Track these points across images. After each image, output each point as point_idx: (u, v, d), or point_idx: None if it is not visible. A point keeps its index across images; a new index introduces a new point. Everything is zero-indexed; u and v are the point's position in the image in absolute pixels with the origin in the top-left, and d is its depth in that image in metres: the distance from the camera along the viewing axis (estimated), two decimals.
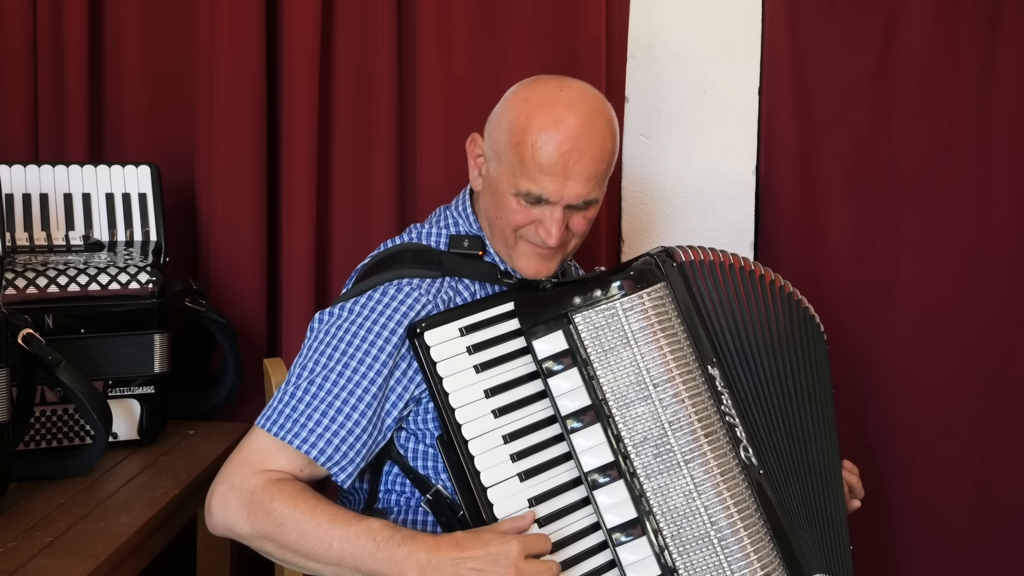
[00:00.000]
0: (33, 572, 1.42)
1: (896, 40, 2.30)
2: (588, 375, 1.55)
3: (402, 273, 1.63)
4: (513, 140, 1.60)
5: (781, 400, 1.66)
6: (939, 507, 2.34)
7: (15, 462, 1.67)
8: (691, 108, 2.35)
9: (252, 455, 1.57)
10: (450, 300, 1.63)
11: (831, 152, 2.33)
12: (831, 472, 1.69)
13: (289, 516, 1.50)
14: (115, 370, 1.91)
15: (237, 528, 1.54)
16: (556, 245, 1.62)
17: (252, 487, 1.53)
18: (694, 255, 1.69)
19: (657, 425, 1.54)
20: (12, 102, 2.25)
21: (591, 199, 1.62)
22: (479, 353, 1.56)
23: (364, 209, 2.26)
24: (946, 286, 2.31)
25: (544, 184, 1.58)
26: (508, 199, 1.62)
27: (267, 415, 1.59)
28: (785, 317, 1.72)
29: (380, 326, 1.59)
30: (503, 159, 1.62)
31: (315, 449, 1.55)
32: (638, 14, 2.34)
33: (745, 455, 1.59)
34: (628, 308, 1.57)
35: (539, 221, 1.61)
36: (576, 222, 1.64)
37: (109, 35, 2.30)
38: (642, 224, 2.39)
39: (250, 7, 2.18)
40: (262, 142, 2.23)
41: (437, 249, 1.69)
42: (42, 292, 1.86)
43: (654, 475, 1.53)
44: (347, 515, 1.51)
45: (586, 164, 1.58)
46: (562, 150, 1.57)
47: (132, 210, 2.08)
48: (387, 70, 2.23)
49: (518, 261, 1.67)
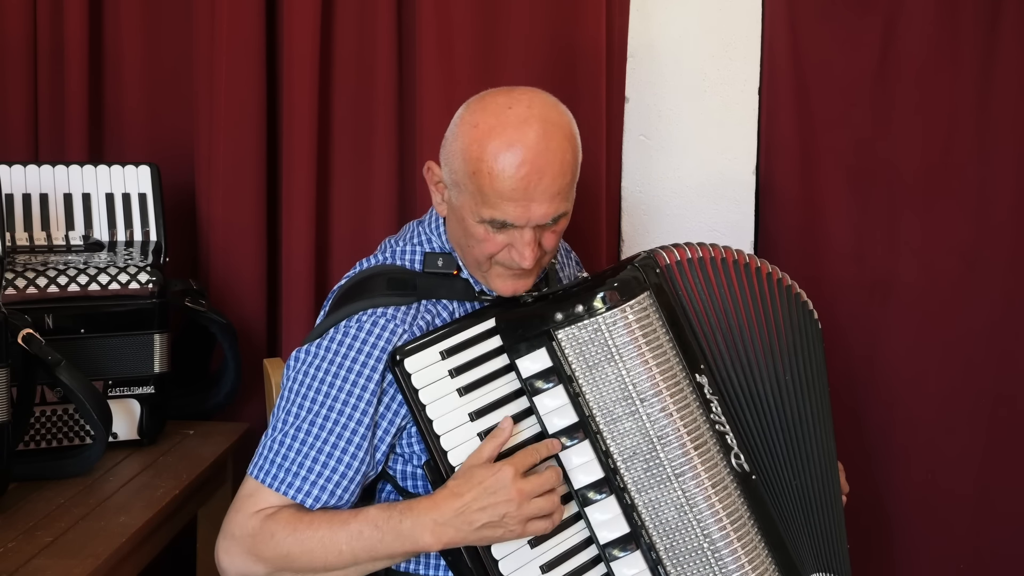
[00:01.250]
0: (33, 572, 1.43)
1: (896, 40, 2.30)
2: (574, 392, 1.53)
3: (376, 302, 1.59)
4: (469, 170, 1.53)
5: (776, 397, 1.64)
6: (939, 509, 2.33)
7: (15, 462, 1.67)
8: (691, 108, 2.35)
9: (245, 503, 1.56)
10: (428, 324, 1.59)
11: (831, 152, 2.33)
12: (827, 467, 1.68)
13: (292, 543, 1.51)
14: (115, 370, 1.91)
15: (252, 573, 1.54)
16: (530, 267, 1.58)
17: (251, 532, 1.53)
18: (681, 254, 1.64)
19: (646, 440, 1.52)
20: (12, 102, 2.25)
21: (559, 214, 1.56)
22: (462, 376, 1.53)
23: (364, 209, 2.26)
24: (946, 286, 2.31)
25: (507, 210, 1.52)
26: (475, 227, 1.56)
27: (258, 463, 1.57)
28: (782, 308, 1.70)
29: (360, 364, 1.56)
30: (463, 188, 1.56)
31: (310, 497, 1.54)
32: (638, 14, 2.34)
33: (736, 462, 1.56)
34: (611, 323, 1.52)
35: (510, 245, 1.56)
36: (547, 238, 1.58)
37: (109, 35, 2.30)
38: (642, 224, 2.38)
39: (250, 7, 2.18)
40: (262, 142, 2.23)
41: (411, 271, 1.64)
42: (42, 292, 1.86)
43: (645, 489, 1.51)
44: (343, 515, 1.52)
45: (547, 183, 1.52)
46: (520, 174, 1.50)
47: (132, 210, 2.09)
48: (387, 70, 2.23)
49: (493, 283, 1.62)
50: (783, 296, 1.71)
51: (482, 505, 1.45)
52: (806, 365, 1.69)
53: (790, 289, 1.73)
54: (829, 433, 1.70)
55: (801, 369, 1.68)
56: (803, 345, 1.70)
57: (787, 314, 1.70)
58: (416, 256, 1.66)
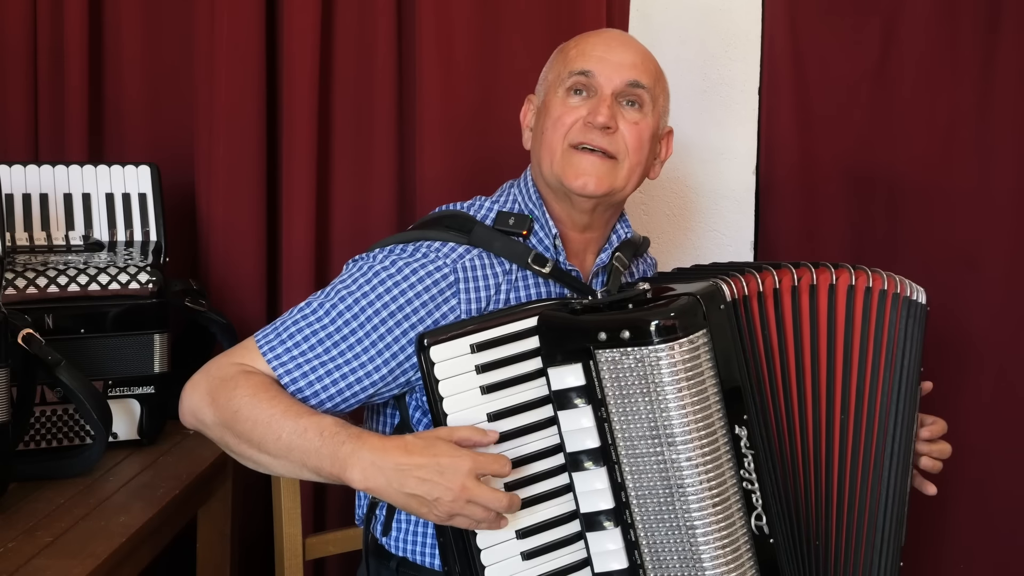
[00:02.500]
0: (33, 572, 1.42)
1: (896, 40, 2.30)
2: (601, 416, 1.45)
3: (427, 235, 1.60)
4: (558, 55, 1.68)
5: (827, 442, 1.54)
6: (938, 509, 2.34)
7: (15, 462, 1.67)
8: (691, 108, 2.35)
9: (237, 352, 1.56)
10: (472, 271, 1.57)
11: (831, 152, 2.33)
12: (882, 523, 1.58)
13: (246, 404, 1.47)
14: (115, 370, 1.91)
15: (201, 414, 1.52)
16: (604, 123, 1.59)
17: (223, 375, 1.52)
18: (751, 286, 1.51)
19: (664, 484, 1.42)
20: (12, 102, 2.25)
21: (639, 81, 1.62)
22: (488, 373, 1.47)
23: (364, 209, 2.26)
24: (946, 286, 2.31)
25: (590, 60, 1.62)
26: (556, 106, 1.63)
27: (266, 333, 1.56)
28: (885, 336, 1.55)
29: (390, 285, 1.54)
30: (549, 80, 1.67)
31: (294, 385, 1.52)
32: (638, 14, 2.34)
33: (757, 523, 1.46)
34: (656, 358, 1.39)
35: (588, 112, 1.60)
36: (626, 124, 1.61)
37: (109, 35, 2.29)
38: (642, 224, 2.38)
39: (250, 7, 2.18)
40: (262, 142, 2.22)
41: (474, 219, 1.63)
42: (42, 292, 1.86)
43: (652, 531, 1.45)
44: (303, 409, 1.47)
45: (629, 53, 1.64)
46: (603, 37, 1.67)
47: (132, 210, 2.08)
48: (387, 69, 2.23)
49: (565, 173, 1.61)
50: (892, 320, 1.57)
51: (424, 476, 1.38)
52: (902, 387, 1.58)
53: (906, 304, 1.58)
54: (902, 479, 1.59)
55: (897, 395, 1.57)
56: (904, 366, 1.57)
57: (900, 336, 1.56)
58: (492, 212, 1.66)
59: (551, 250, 1.65)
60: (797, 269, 1.56)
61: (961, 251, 2.31)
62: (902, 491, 1.61)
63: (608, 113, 1.59)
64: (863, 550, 1.58)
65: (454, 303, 1.56)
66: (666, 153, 1.75)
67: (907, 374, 1.60)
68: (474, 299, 1.58)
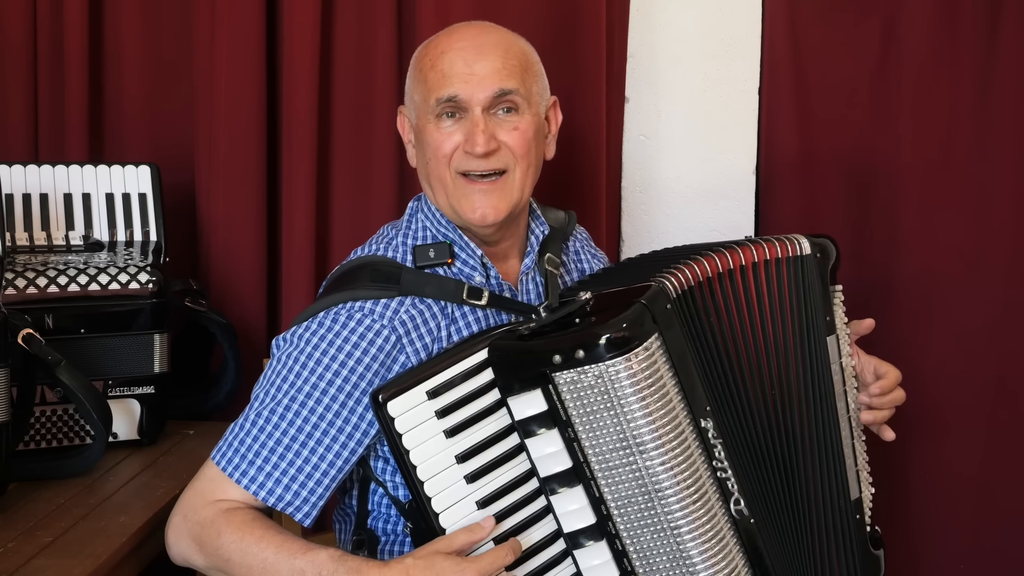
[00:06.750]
0: (33, 572, 1.42)
1: (896, 40, 2.30)
2: (569, 436, 1.43)
3: (356, 295, 1.55)
4: (416, 71, 1.60)
5: (776, 411, 1.56)
6: (938, 508, 2.34)
7: (15, 462, 1.67)
8: (691, 108, 2.35)
9: (206, 485, 1.54)
10: (410, 322, 1.55)
11: (831, 152, 2.33)
12: (831, 484, 1.61)
13: (236, 552, 1.46)
14: (115, 370, 1.91)
15: (192, 560, 1.52)
16: (484, 151, 1.55)
17: (202, 519, 1.50)
18: (693, 276, 1.52)
19: (642, 490, 1.42)
20: (12, 102, 2.25)
21: (506, 89, 1.56)
22: (448, 416, 1.45)
23: (364, 209, 2.26)
24: (946, 286, 2.31)
25: (453, 84, 1.55)
26: (432, 134, 1.57)
27: (220, 448, 1.54)
28: (790, 291, 1.59)
29: (330, 358, 1.52)
30: (415, 98, 1.61)
31: (263, 490, 1.51)
32: (638, 14, 2.34)
33: (736, 508, 1.48)
34: (614, 372, 1.38)
35: (464, 139, 1.56)
36: (504, 132, 1.57)
37: (109, 35, 2.30)
38: (642, 224, 2.38)
39: (250, 7, 2.18)
40: (262, 142, 2.23)
41: (399, 265, 1.59)
42: (42, 292, 1.86)
43: (637, 537, 1.44)
44: (295, 546, 1.45)
45: (489, 60, 1.56)
46: (459, 46, 1.57)
47: (132, 210, 2.08)
48: (387, 68, 2.23)
49: (462, 207, 1.58)
50: (790, 279, 1.60)
51: None
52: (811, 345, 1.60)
53: (797, 261, 1.61)
54: (834, 430, 1.61)
55: (810, 352, 1.59)
56: (808, 317, 1.60)
57: (794, 303, 1.59)
58: (407, 251, 1.62)
59: (480, 269, 1.63)
60: (717, 254, 1.56)
61: (961, 251, 2.31)
62: (835, 446, 1.61)
63: (484, 138, 1.55)
64: (822, 509, 1.59)
65: (403, 359, 1.55)
66: (556, 126, 1.71)
67: (812, 325, 1.61)
68: (421, 348, 1.56)
